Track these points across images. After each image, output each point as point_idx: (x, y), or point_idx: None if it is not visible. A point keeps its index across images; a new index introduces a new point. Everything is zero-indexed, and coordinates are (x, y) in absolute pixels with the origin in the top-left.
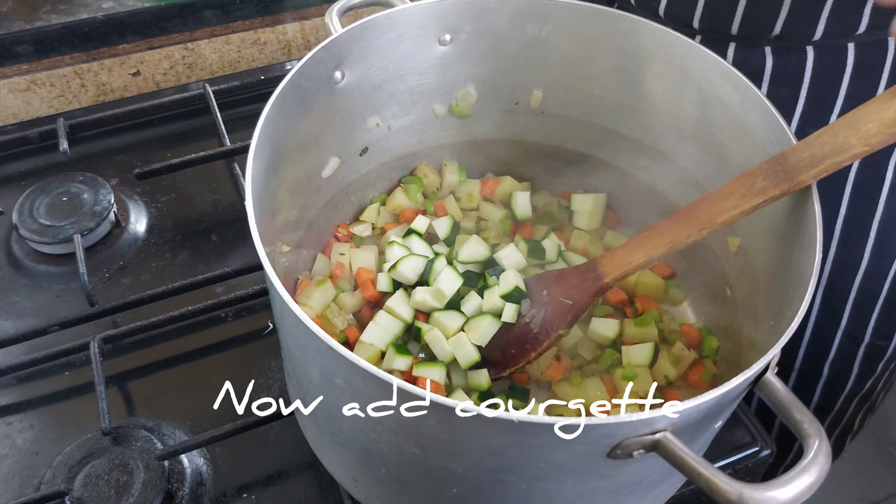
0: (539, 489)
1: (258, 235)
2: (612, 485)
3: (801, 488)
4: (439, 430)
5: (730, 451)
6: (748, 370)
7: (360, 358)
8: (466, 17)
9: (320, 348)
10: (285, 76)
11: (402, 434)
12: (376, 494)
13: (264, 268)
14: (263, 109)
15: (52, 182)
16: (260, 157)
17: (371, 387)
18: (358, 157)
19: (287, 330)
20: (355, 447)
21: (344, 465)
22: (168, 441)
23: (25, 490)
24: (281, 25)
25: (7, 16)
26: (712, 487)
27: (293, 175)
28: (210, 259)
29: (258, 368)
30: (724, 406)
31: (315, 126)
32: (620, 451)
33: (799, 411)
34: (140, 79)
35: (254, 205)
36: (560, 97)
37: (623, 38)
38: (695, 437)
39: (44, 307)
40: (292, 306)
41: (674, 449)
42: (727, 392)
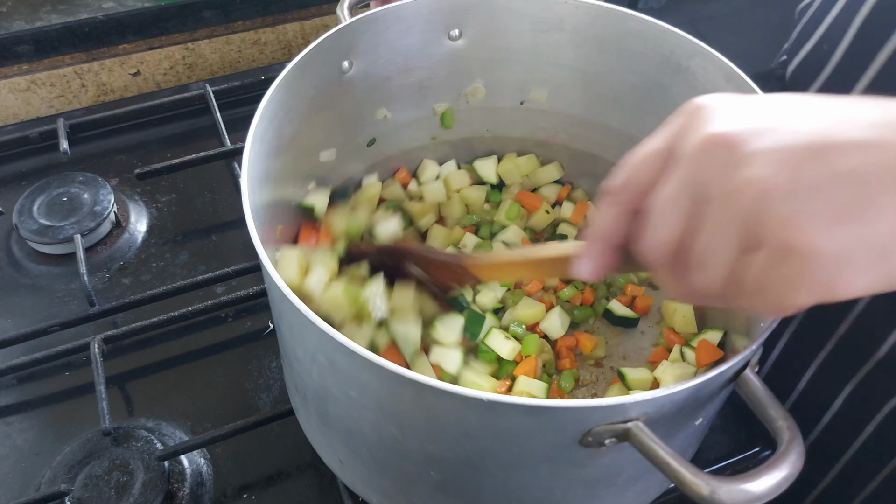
0: (515, 476)
1: (256, 234)
2: (588, 475)
3: (772, 482)
4: (415, 408)
5: (730, 452)
6: (725, 364)
7: (338, 332)
8: (475, 12)
9: (302, 322)
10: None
11: (381, 413)
12: (360, 477)
13: (263, 266)
14: (267, 92)
15: (52, 182)
16: (260, 141)
17: (349, 362)
18: (365, 148)
19: (276, 309)
20: (340, 428)
21: (330, 446)
22: (168, 441)
23: (25, 490)
24: (281, 26)
25: (7, 16)
26: (681, 479)
27: (296, 162)
28: (210, 259)
29: (258, 368)
30: (701, 401)
31: (321, 113)
32: (592, 439)
33: (774, 408)
34: (140, 79)
35: (251, 202)
36: (567, 96)
37: (631, 37)
38: (673, 432)
39: (44, 307)
40: (277, 280)
41: (644, 439)
42: (702, 385)
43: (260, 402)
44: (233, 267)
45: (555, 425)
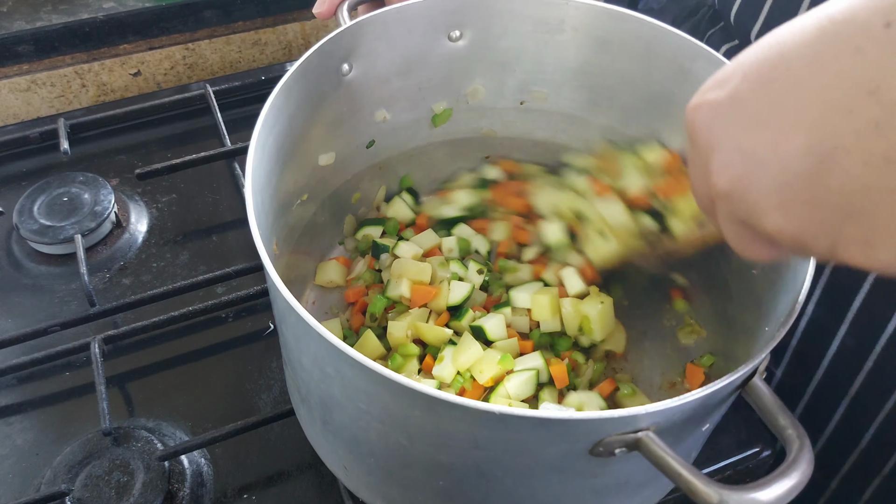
0: (524, 485)
1: (258, 233)
2: (597, 484)
3: (782, 491)
4: (425, 421)
5: (730, 453)
6: (734, 373)
7: (348, 346)
8: (476, 14)
9: (310, 334)
10: (290, 68)
11: (390, 423)
12: (366, 483)
13: (263, 264)
14: (268, 99)
15: (52, 182)
16: (262, 148)
17: (359, 375)
18: (364, 150)
19: (279, 316)
20: (345, 435)
21: (335, 452)
22: (168, 441)
23: (26, 490)
24: (282, 26)
25: (7, 16)
26: (692, 489)
27: (296, 166)
28: (211, 259)
29: (259, 369)
30: (709, 408)
31: (321, 117)
32: (603, 449)
33: (784, 416)
34: (141, 79)
35: (254, 201)
36: (567, 97)
37: (633, 39)
38: (681, 439)
39: (44, 307)
40: (283, 291)
41: (655, 449)
42: (711, 394)
43: (260, 402)
44: (233, 267)
45: (566, 436)
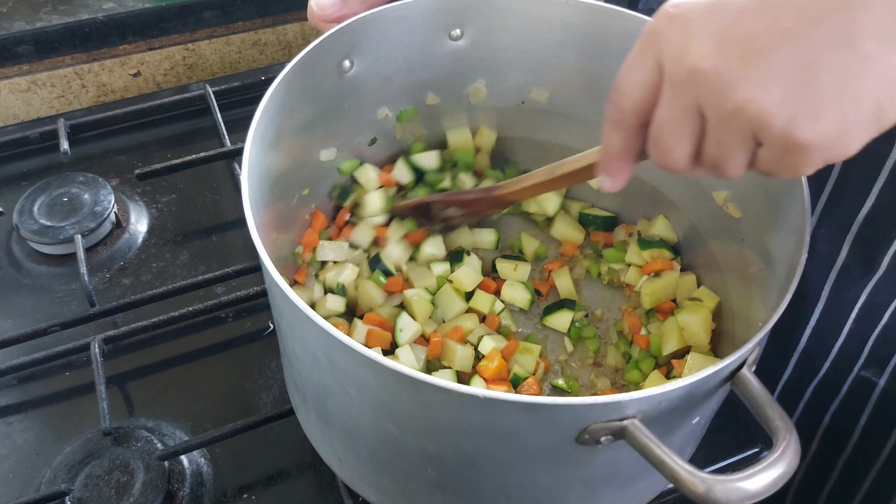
0: (513, 474)
1: (257, 234)
2: (585, 474)
3: (768, 481)
4: (412, 405)
5: (729, 453)
6: (721, 362)
7: (337, 329)
8: (477, 12)
9: (299, 318)
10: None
11: (380, 410)
12: (360, 475)
13: (262, 263)
14: (267, 91)
15: (52, 182)
16: (261, 139)
17: (347, 359)
18: (367, 147)
19: (274, 303)
20: (339, 426)
21: (329, 443)
22: (168, 441)
23: (26, 490)
24: (281, 26)
25: (7, 16)
26: (677, 478)
27: (297, 160)
28: (210, 259)
29: (259, 369)
30: (697, 399)
31: (321, 113)
32: (588, 437)
33: (772, 408)
34: (141, 79)
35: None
36: (568, 96)
37: (631, 38)
38: (670, 430)
39: (44, 307)
40: (276, 279)
41: (641, 437)
42: (698, 383)
43: (260, 401)
44: (233, 267)
45: (551, 423)
